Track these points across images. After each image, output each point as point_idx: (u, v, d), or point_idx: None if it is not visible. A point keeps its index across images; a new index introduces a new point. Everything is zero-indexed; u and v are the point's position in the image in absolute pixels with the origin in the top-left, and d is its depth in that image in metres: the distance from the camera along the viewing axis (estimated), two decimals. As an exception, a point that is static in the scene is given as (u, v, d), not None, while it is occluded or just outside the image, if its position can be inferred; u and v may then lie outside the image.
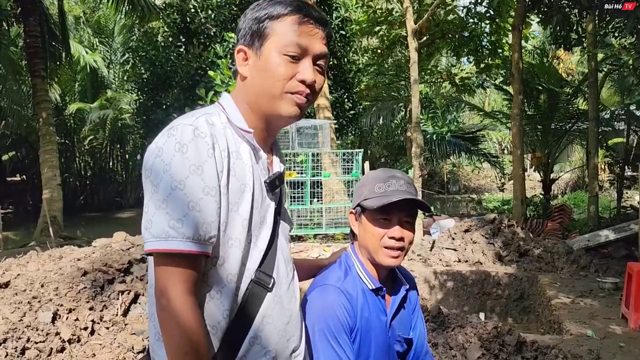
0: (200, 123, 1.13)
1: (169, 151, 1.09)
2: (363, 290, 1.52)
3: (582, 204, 16.68)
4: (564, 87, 14.06)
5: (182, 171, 1.08)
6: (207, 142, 1.11)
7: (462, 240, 7.79)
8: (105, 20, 22.30)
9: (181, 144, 1.09)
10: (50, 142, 12.35)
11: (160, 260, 1.09)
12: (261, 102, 1.22)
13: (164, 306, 1.08)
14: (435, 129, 15.82)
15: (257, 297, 1.19)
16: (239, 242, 1.16)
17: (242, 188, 1.17)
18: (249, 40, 1.23)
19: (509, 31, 12.20)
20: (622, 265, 6.74)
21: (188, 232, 1.07)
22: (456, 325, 3.90)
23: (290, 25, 1.19)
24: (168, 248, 1.07)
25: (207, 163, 1.10)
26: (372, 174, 1.59)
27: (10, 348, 3.54)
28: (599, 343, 4.26)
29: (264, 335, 1.20)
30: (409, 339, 1.62)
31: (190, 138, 1.10)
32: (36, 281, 4.38)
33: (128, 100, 20.96)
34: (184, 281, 1.08)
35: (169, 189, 1.08)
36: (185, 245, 1.07)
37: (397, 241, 1.48)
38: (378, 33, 14.00)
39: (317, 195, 10.59)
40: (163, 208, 1.07)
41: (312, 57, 1.21)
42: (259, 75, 1.21)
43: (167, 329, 1.08)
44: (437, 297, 6.92)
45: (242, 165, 1.18)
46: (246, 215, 1.17)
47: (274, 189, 1.25)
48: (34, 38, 12.32)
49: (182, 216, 1.07)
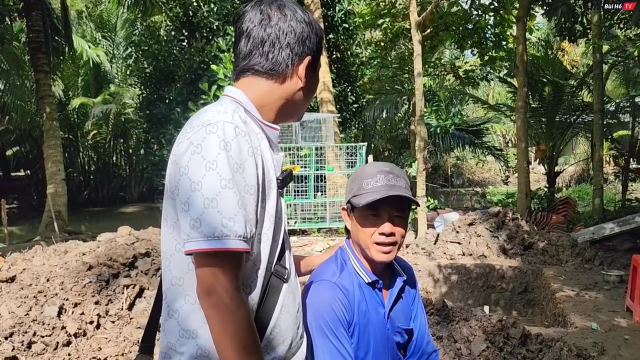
0: (237, 121, 1.14)
1: (212, 148, 1.09)
2: (359, 284, 1.52)
3: (586, 197, 16.63)
4: (569, 79, 13.99)
5: (229, 169, 1.08)
6: (247, 140, 1.12)
7: (466, 234, 7.78)
8: (107, 15, 22.28)
9: (225, 141, 1.09)
10: (54, 137, 12.37)
11: (209, 259, 1.08)
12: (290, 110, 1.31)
13: (215, 303, 1.07)
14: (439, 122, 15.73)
15: (276, 289, 1.23)
16: (267, 237, 1.19)
17: (269, 184, 1.19)
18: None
19: (513, 23, 12.12)
20: (627, 258, 6.73)
21: (240, 230, 1.08)
22: (460, 319, 3.90)
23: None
24: (222, 247, 1.07)
25: (247, 161, 1.11)
26: (362, 170, 1.57)
27: (17, 342, 3.56)
28: (603, 336, 4.25)
29: (282, 323, 1.24)
30: (409, 329, 1.61)
31: (233, 136, 1.10)
32: (42, 276, 4.40)
33: (131, 95, 20.98)
34: (233, 278, 1.09)
35: (219, 187, 1.07)
36: (237, 244, 1.08)
37: (387, 237, 1.47)
38: (381, 26, 13.93)
39: (321, 189, 10.59)
40: (213, 207, 1.06)
41: None
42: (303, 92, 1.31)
43: (222, 326, 1.07)
44: (442, 291, 6.92)
45: (266, 161, 1.20)
46: (272, 211, 1.20)
47: (285, 186, 1.27)
48: (37, 33, 12.31)
49: (233, 215, 1.07)
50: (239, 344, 1.07)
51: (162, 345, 1.26)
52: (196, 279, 1.11)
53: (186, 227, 1.09)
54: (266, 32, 1.25)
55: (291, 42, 1.27)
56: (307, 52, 1.29)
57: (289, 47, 1.26)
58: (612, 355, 3.82)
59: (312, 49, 1.30)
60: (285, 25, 1.26)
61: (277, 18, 1.26)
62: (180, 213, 1.11)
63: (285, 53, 1.26)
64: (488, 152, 20.04)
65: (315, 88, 1.31)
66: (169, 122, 13.95)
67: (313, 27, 1.30)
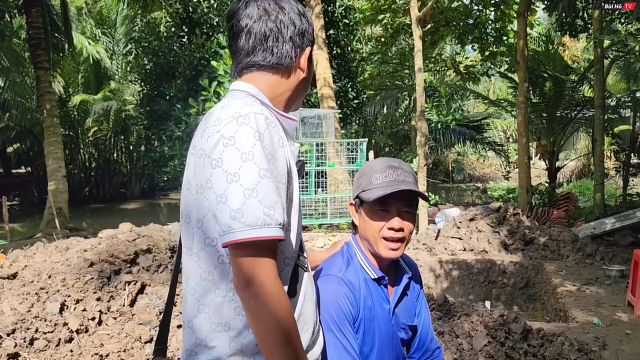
0: (266, 112, 1.17)
1: (247, 139, 1.09)
2: (365, 280, 1.52)
3: (587, 192, 16.62)
4: (570, 74, 13.94)
5: (265, 159, 1.09)
6: (277, 131, 1.16)
7: (467, 229, 7.78)
8: (107, 11, 22.23)
9: (259, 132, 1.10)
10: (54, 134, 12.37)
11: (249, 249, 1.08)
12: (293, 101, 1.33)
13: (256, 294, 1.07)
14: (440, 118, 15.73)
15: (299, 277, 1.25)
16: (293, 226, 1.21)
17: (292, 174, 1.22)
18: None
19: (514, 18, 12.08)
20: (628, 253, 6.73)
21: (280, 218, 1.10)
22: (462, 314, 3.91)
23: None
24: (267, 235, 1.07)
25: (278, 151, 1.14)
26: (370, 165, 1.58)
27: (19, 338, 3.56)
28: (605, 330, 4.26)
29: (305, 311, 1.27)
30: (413, 326, 1.62)
31: (265, 127, 1.12)
32: (43, 272, 4.40)
33: (131, 92, 20.95)
34: (273, 267, 1.10)
35: (258, 177, 1.08)
36: (278, 232, 1.09)
37: (396, 232, 1.47)
38: (382, 21, 13.89)
39: (322, 185, 10.58)
40: (254, 197, 1.07)
41: None
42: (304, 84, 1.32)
43: (264, 315, 1.07)
44: (443, 286, 6.93)
45: (288, 152, 1.22)
46: (297, 200, 1.23)
47: (302, 174, 1.31)
48: (37, 29, 12.30)
49: (273, 203, 1.09)
50: (281, 333, 1.08)
51: (187, 342, 1.25)
52: (233, 271, 1.11)
53: (225, 218, 1.08)
54: (268, 27, 1.26)
55: (293, 34, 1.28)
56: (307, 44, 1.31)
57: (291, 40, 1.28)
58: (613, 350, 3.83)
59: (310, 39, 1.32)
60: (286, 19, 1.27)
61: (276, 12, 1.27)
62: (217, 205, 1.10)
63: (288, 46, 1.27)
64: (489, 147, 20.01)
65: (311, 78, 1.35)
66: (169, 118, 13.93)
67: (307, 17, 1.32)
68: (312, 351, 1.29)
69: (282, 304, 1.09)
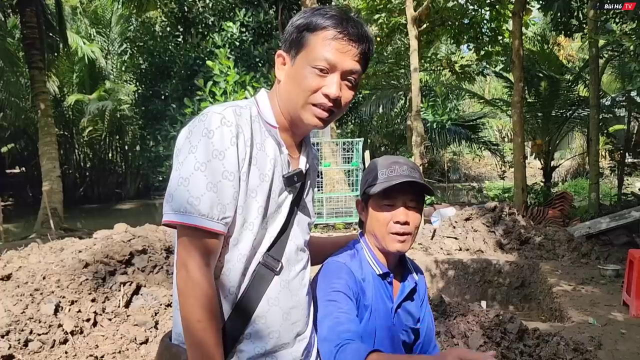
0: (228, 112, 1.22)
1: (197, 135, 1.20)
2: (371, 274, 1.53)
3: (582, 191, 16.66)
4: (565, 74, 13.98)
5: (205, 154, 1.18)
6: (231, 130, 1.20)
7: (463, 229, 7.79)
8: (102, 10, 22.11)
9: (208, 129, 1.19)
10: (49, 134, 12.31)
11: (182, 232, 1.20)
12: (288, 106, 1.31)
13: (183, 277, 1.18)
14: (436, 118, 15.75)
15: (263, 279, 1.27)
16: (253, 226, 1.24)
17: (261, 177, 1.25)
18: (288, 47, 1.31)
19: (509, 18, 12.10)
20: (623, 253, 6.75)
21: (204, 210, 1.16)
22: (458, 314, 3.91)
23: (323, 40, 1.25)
24: (186, 222, 1.17)
25: (229, 150, 1.19)
26: (376, 162, 1.59)
27: (13, 340, 3.54)
28: (600, 330, 4.27)
29: (269, 315, 1.28)
30: (416, 329, 1.61)
31: (217, 125, 1.19)
32: (38, 273, 4.37)
33: (126, 91, 20.86)
34: (202, 255, 1.18)
35: (192, 169, 1.17)
36: (201, 222, 1.16)
37: (402, 225, 1.48)
38: (377, 21, 13.89)
39: (318, 185, 10.58)
40: (184, 186, 1.17)
41: (340, 73, 1.26)
42: (289, 82, 1.30)
43: (185, 298, 1.18)
44: (438, 286, 6.93)
45: (264, 156, 1.27)
46: (262, 203, 1.25)
47: (292, 184, 1.32)
48: (31, 29, 12.23)
49: (200, 195, 1.17)
50: (192, 318, 1.17)
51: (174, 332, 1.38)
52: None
53: (164, 201, 1.22)
54: None
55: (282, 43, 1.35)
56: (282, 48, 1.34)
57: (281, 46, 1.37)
58: (609, 349, 3.84)
59: (284, 42, 1.34)
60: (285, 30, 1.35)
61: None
62: None
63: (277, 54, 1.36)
64: (484, 147, 20.06)
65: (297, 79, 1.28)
66: (164, 118, 13.87)
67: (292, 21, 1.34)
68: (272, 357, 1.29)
69: (204, 290, 1.16)
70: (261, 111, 1.32)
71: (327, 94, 1.25)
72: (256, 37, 12.79)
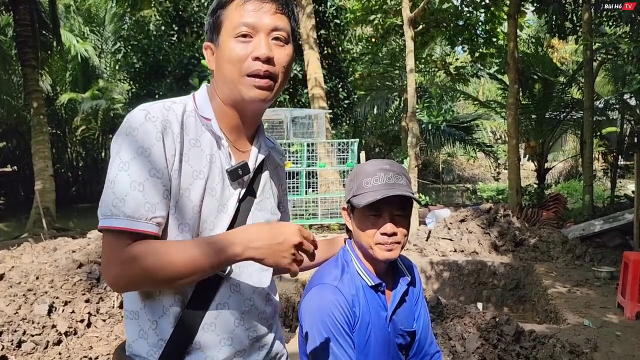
0: (154, 108, 1.16)
1: (122, 135, 1.13)
2: (362, 287, 1.49)
3: (575, 193, 16.76)
4: (559, 76, 14.06)
5: (129, 153, 1.11)
6: (156, 126, 1.13)
7: (458, 230, 7.80)
8: (95, 9, 22.01)
9: (132, 127, 1.12)
10: (41, 133, 12.21)
11: (106, 237, 1.11)
12: (227, 91, 1.22)
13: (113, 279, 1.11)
14: (431, 119, 15.79)
15: (210, 284, 1.19)
16: (189, 227, 1.16)
17: (194, 175, 1.17)
18: (210, 36, 1.25)
19: (504, 20, 12.16)
20: (617, 254, 6.79)
21: (129, 211, 1.09)
22: (455, 316, 3.90)
23: (236, 8, 1.19)
24: (110, 225, 1.09)
25: (155, 146, 1.12)
26: (360, 168, 1.53)
27: (6, 341, 3.50)
28: (596, 332, 4.28)
29: (219, 322, 1.20)
30: (411, 331, 1.59)
31: (141, 122, 1.13)
32: (31, 273, 4.33)
33: (120, 90, 20.76)
34: (122, 255, 1.10)
35: (117, 170, 1.11)
36: (125, 223, 1.08)
37: (389, 237, 1.44)
38: (373, 22, 13.91)
39: (313, 186, 10.56)
40: (110, 188, 1.11)
41: (265, 33, 1.18)
42: (220, 64, 1.21)
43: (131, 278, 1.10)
44: (433, 287, 6.94)
45: (199, 152, 1.19)
46: (197, 202, 1.17)
47: (236, 178, 1.23)
48: (24, 27, 12.12)
49: (124, 196, 1.09)
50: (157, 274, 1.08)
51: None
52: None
53: None
54: None
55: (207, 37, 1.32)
56: (207, 40, 1.29)
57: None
58: (604, 351, 3.84)
59: (206, 33, 1.29)
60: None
61: None
62: None
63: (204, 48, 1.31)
64: (478, 148, 20.13)
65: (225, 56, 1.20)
66: (158, 117, 13.81)
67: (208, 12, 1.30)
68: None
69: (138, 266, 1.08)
70: (197, 105, 1.24)
71: (256, 56, 1.16)
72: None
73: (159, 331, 1.17)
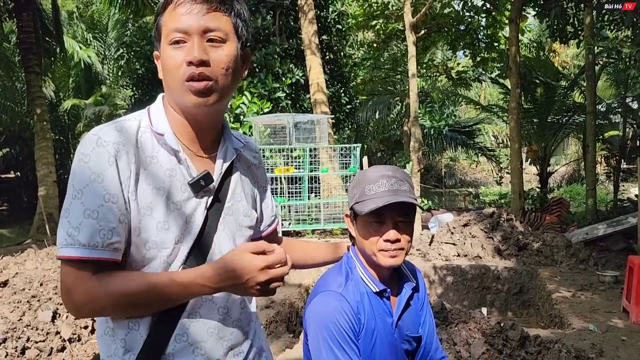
0: (105, 132, 1.14)
1: (76, 162, 1.12)
2: (367, 293, 1.48)
3: (578, 197, 16.73)
4: (560, 80, 14.06)
5: (82, 180, 1.10)
6: (108, 150, 1.11)
7: (461, 235, 7.79)
8: (98, 15, 22.08)
9: (84, 154, 1.12)
10: (45, 139, 12.23)
11: (65, 266, 1.11)
12: (174, 100, 1.22)
13: (75, 307, 1.12)
14: (433, 123, 15.80)
15: None
16: (156, 244, 1.15)
17: (154, 192, 1.16)
18: (156, 44, 1.23)
19: (505, 24, 12.18)
20: (621, 259, 6.77)
21: (83, 239, 1.08)
22: (459, 321, 3.89)
23: (169, 13, 1.17)
24: (64, 255, 1.08)
25: (107, 171, 1.10)
26: (363, 174, 1.52)
27: (11, 348, 3.50)
28: (601, 337, 4.26)
29: (190, 332, 1.19)
30: (417, 336, 1.58)
31: (92, 147, 1.11)
32: (35, 280, 4.34)
33: (123, 96, 20.82)
34: (85, 285, 1.10)
35: (70, 198, 1.10)
36: (79, 252, 1.08)
37: (392, 243, 1.43)
38: (375, 27, 13.95)
39: (315, 191, 10.56)
40: (65, 217, 1.10)
41: (197, 35, 1.15)
42: (163, 74, 1.20)
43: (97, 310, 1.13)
44: (437, 292, 6.92)
45: (157, 169, 1.18)
46: (161, 218, 1.16)
47: (199, 189, 1.21)
48: (28, 34, 12.17)
49: (78, 224, 1.08)
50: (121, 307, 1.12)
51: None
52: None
53: None
54: None
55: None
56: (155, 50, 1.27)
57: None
58: (610, 356, 3.83)
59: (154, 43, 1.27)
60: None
61: None
62: None
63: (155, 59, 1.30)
64: (480, 152, 20.12)
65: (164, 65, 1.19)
66: (161, 123, 13.85)
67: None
68: None
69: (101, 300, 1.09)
70: (152, 120, 1.22)
71: (189, 61, 1.13)
72: (253, 42, 12.80)
73: (130, 344, 1.17)
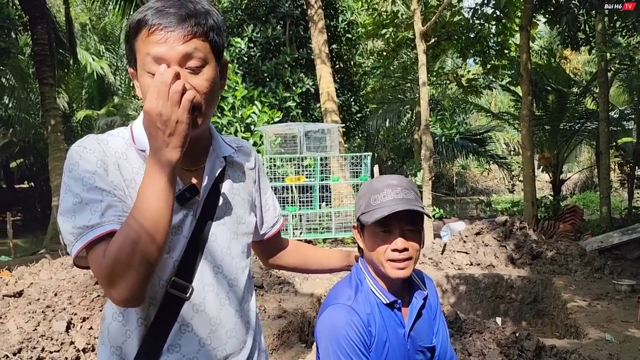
0: (88, 142, 1.17)
1: (65, 175, 1.15)
2: (377, 305, 1.47)
3: (591, 205, 16.57)
4: (572, 87, 13.98)
5: (77, 185, 1.12)
6: (95, 155, 1.15)
7: (473, 243, 7.73)
8: (111, 27, 22.40)
9: (73, 163, 1.14)
10: (58, 150, 12.37)
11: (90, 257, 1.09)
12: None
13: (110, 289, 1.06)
14: (444, 131, 15.75)
15: (173, 305, 1.19)
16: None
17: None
18: (129, 62, 1.22)
19: (516, 32, 12.14)
20: (637, 267, 6.68)
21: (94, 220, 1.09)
22: (474, 331, 3.86)
23: (143, 41, 1.13)
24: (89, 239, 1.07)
25: (98, 171, 1.13)
26: (368, 185, 1.52)
27: (26, 358, 3.52)
28: (618, 347, 4.19)
29: (183, 343, 1.20)
30: (431, 347, 1.56)
31: (80, 155, 1.14)
32: (49, 290, 4.37)
33: (135, 107, 21.02)
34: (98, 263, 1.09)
35: (72, 204, 1.11)
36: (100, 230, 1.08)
37: (400, 253, 1.42)
38: (384, 36, 13.98)
39: (326, 200, 10.56)
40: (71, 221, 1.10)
41: (175, 64, 1.12)
42: (143, 97, 1.17)
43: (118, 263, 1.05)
44: (450, 301, 6.86)
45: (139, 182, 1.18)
46: None
47: (185, 202, 1.21)
48: (42, 46, 12.36)
49: (88, 219, 1.09)
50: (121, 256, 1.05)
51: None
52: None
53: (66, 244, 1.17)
54: None
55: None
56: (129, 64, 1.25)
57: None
58: (628, 367, 3.77)
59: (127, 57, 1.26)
60: None
61: None
62: None
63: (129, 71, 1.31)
64: (492, 160, 20.01)
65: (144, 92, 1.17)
66: (173, 133, 13.95)
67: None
68: None
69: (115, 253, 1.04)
70: (134, 137, 1.22)
71: None
72: (264, 52, 12.89)
73: (124, 356, 1.18)
